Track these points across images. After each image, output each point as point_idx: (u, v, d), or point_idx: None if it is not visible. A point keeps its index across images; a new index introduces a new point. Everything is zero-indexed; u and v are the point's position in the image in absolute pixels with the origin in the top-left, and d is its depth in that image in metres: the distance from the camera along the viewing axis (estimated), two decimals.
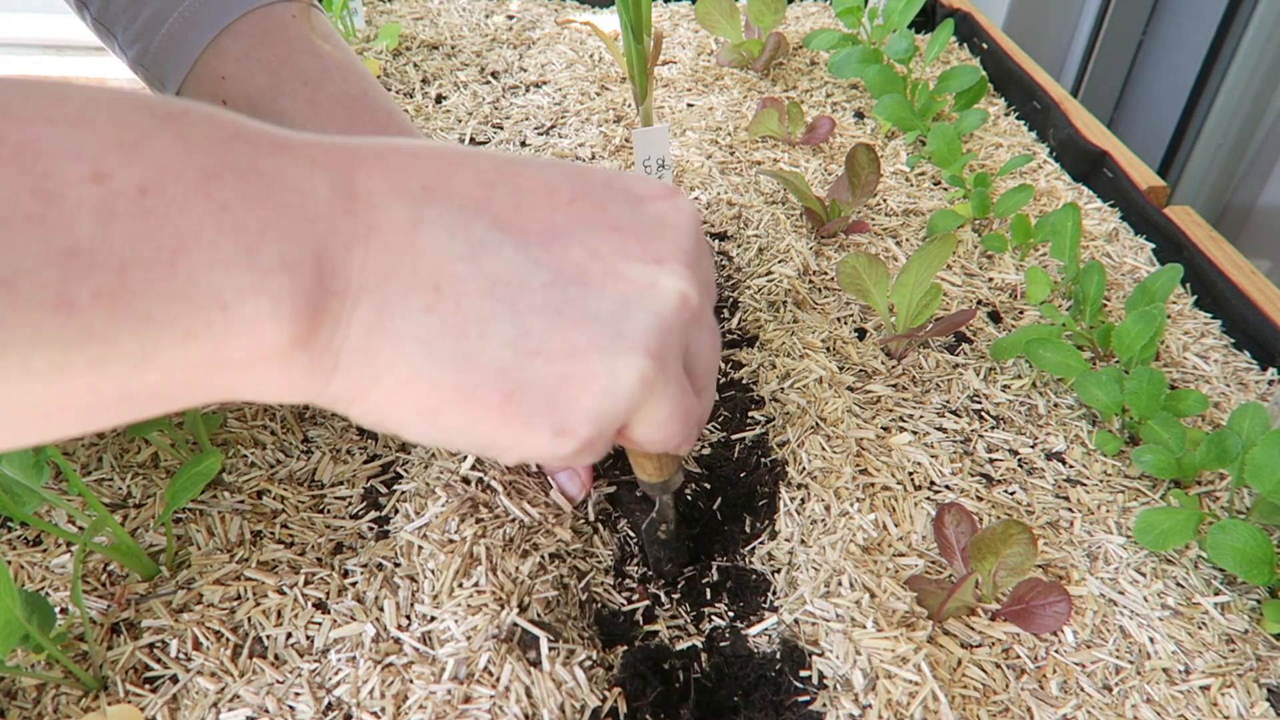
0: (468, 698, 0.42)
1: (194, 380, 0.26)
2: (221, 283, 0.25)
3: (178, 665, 0.45)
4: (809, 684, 0.45)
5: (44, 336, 0.22)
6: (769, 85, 1.05)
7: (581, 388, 0.31)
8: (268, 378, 0.28)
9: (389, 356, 0.29)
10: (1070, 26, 1.58)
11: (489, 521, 0.50)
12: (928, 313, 0.64)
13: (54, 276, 0.22)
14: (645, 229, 0.33)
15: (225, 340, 0.25)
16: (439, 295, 0.29)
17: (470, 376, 0.30)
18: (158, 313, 0.24)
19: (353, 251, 0.28)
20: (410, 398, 0.30)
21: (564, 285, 0.31)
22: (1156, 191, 0.84)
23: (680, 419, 0.35)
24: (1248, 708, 0.46)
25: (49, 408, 0.24)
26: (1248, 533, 0.49)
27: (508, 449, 0.32)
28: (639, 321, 0.31)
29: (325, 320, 0.27)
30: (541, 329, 0.30)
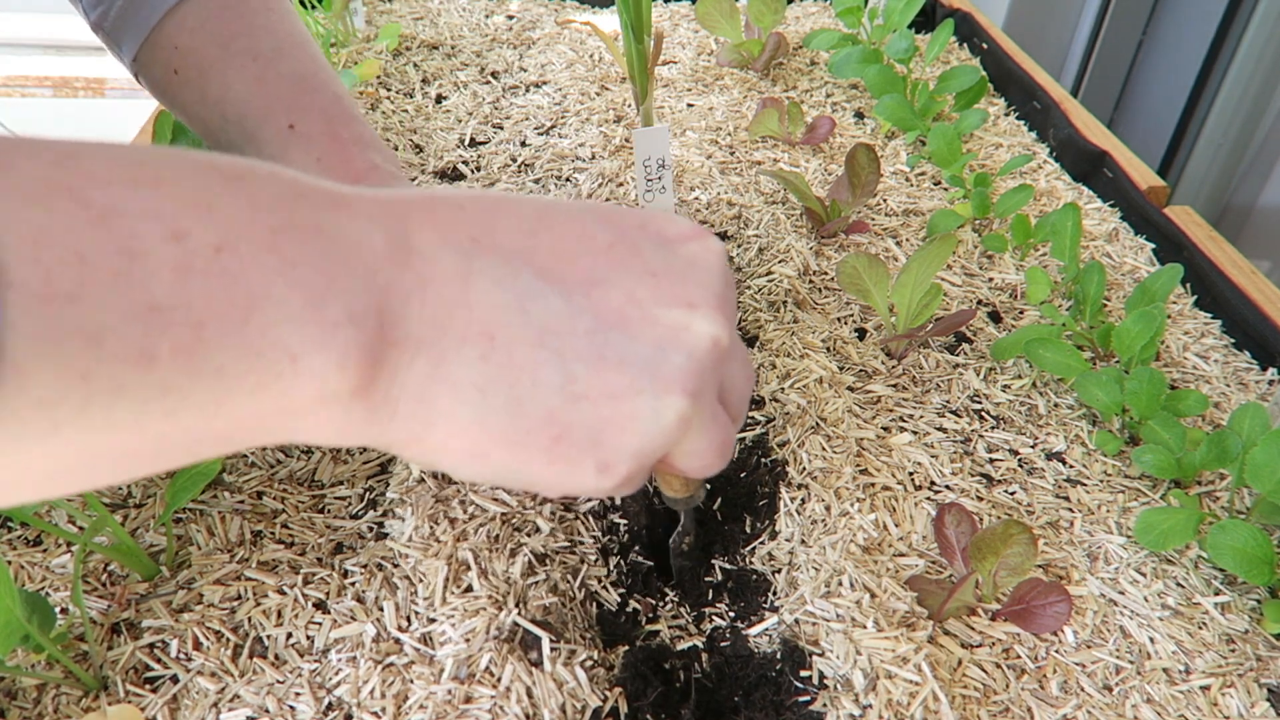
0: (468, 698, 0.42)
1: (258, 426, 0.27)
2: (291, 337, 0.26)
3: (178, 665, 0.45)
4: (809, 684, 0.45)
5: (125, 389, 0.23)
6: (769, 85, 1.05)
7: (622, 429, 0.32)
8: (329, 424, 0.29)
9: (446, 404, 0.30)
10: (1070, 26, 1.58)
11: (466, 522, 0.49)
12: (928, 313, 0.64)
13: (137, 332, 0.23)
14: (677, 273, 0.34)
15: (292, 391, 0.26)
16: (493, 345, 0.30)
17: (522, 421, 0.31)
18: (231, 366, 0.25)
19: (410, 304, 0.29)
20: (464, 442, 0.31)
21: (604, 330, 0.32)
22: (1156, 191, 0.84)
23: (717, 449, 0.37)
24: (1248, 708, 0.46)
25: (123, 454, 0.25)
26: (1248, 533, 0.49)
27: (552, 486, 0.33)
28: (675, 364, 0.33)
29: (385, 370, 0.28)
30: (585, 374, 0.32)
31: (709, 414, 0.36)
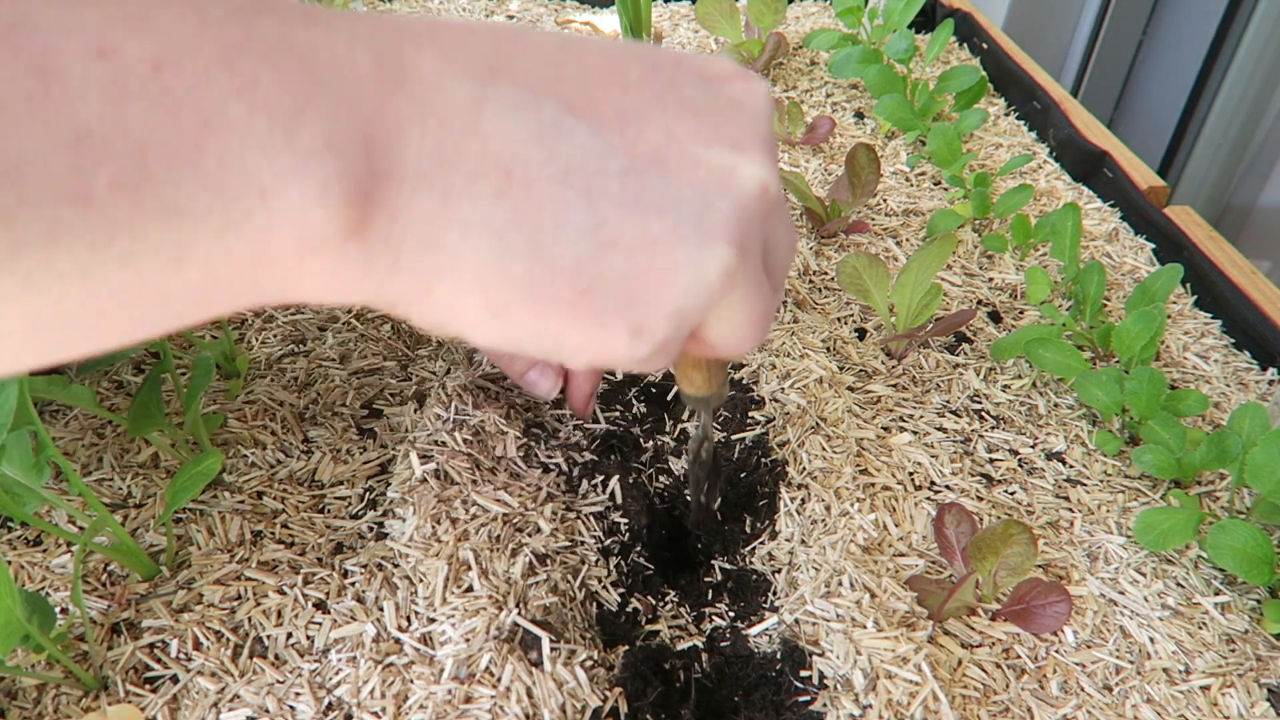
0: (468, 698, 0.42)
1: (239, 278, 0.24)
2: (257, 167, 0.23)
3: (178, 665, 0.45)
4: (809, 684, 0.45)
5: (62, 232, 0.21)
6: (769, 85, 1.05)
7: (662, 283, 0.29)
8: (320, 273, 0.25)
9: (455, 248, 0.26)
10: (1070, 26, 1.58)
11: (467, 522, 0.49)
12: (928, 313, 0.64)
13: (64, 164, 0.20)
14: (721, 112, 0.31)
15: (268, 231, 0.23)
16: (509, 181, 0.27)
17: (544, 270, 0.28)
18: (187, 203, 0.22)
19: (407, 133, 0.25)
20: (478, 295, 0.27)
21: (640, 172, 0.29)
22: (1156, 191, 0.84)
23: (758, 319, 0.33)
24: (1248, 708, 0.46)
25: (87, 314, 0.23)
26: (1248, 533, 0.49)
27: (578, 351, 0.30)
28: (720, 211, 0.29)
29: (380, 209, 0.25)
30: (618, 219, 0.28)
31: (753, 274, 0.32)
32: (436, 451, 0.53)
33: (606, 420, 0.60)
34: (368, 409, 0.61)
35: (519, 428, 0.56)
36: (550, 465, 0.55)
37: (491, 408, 0.56)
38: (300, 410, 0.60)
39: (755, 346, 0.34)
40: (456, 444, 0.53)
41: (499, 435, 0.55)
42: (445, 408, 0.56)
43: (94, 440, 0.58)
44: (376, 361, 0.64)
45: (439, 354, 0.65)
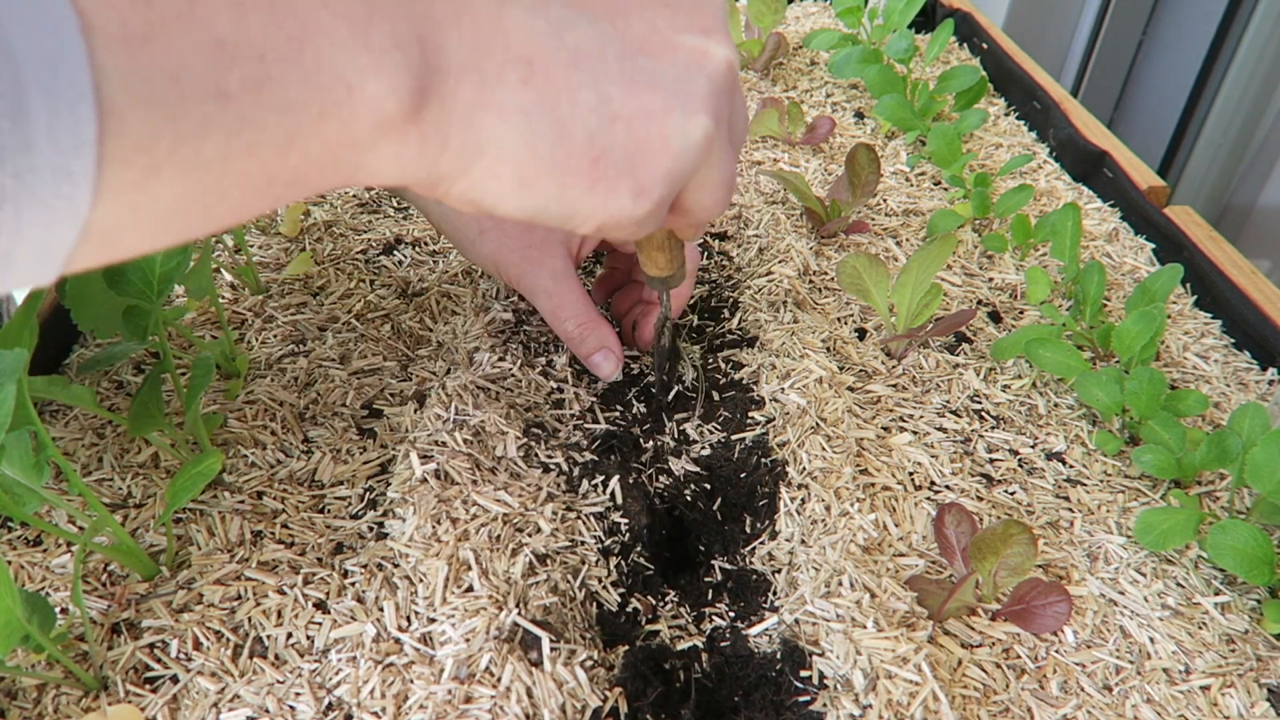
0: (468, 698, 0.42)
1: (328, 160, 0.29)
2: (344, 64, 0.27)
3: (178, 665, 0.45)
4: (809, 684, 0.45)
5: (209, 125, 0.25)
6: (769, 85, 1.05)
7: (656, 149, 0.35)
8: (388, 155, 0.30)
9: (493, 129, 0.32)
10: (1070, 26, 1.58)
11: (468, 522, 0.49)
12: (928, 313, 0.64)
13: (209, 67, 0.24)
14: (686, 7, 0.37)
15: (352, 119, 0.28)
16: (532, 69, 0.32)
17: (564, 143, 0.33)
18: (295, 96, 0.26)
19: (448, 33, 0.30)
20: (510, 168, 0.33)
21: (633, 55, 0.34)
22: (1156, 191, 0.84)
23: (727, 182, 0.39)
24: (1248, 708, 0.46)
25: (215, 194, 0.27)
26: (1248, 533, 0.49)
27: (591, 214, 0.35)
28: (699, 85, 0.35)
29: (433, 96, 0.30)
30: (620, 95, 0.34)
31: (724, 139, 0.38)
32: (436, 451, 0.53)
33: (606, 420, 0.60)
34: (368, 409, 0.61)
35: (519, 428, 0.56)
36: (550, 465, 0.55)
37: (491, 408, 0.56)
38: (300, 410, 0.60)
39: (723, 210, 0.41)
40: (456, 444, 0.53)
41: (499, 435, 0.55)
42: (445, 408, 0.56)
43: (94, 440, 0.58)
44: (376, 361, 0.64)
45: (439, 354, 0.65)
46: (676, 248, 0.51)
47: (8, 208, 0.22)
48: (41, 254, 0.24)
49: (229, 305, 0.69)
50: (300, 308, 0.69)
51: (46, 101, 0.21)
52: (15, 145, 0.21)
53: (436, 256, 0.75)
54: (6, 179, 0.21)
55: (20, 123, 0.21)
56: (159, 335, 0.53)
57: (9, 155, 0.21)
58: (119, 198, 0.24)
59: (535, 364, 0.62)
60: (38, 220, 0.23)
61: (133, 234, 0.26)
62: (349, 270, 0.73)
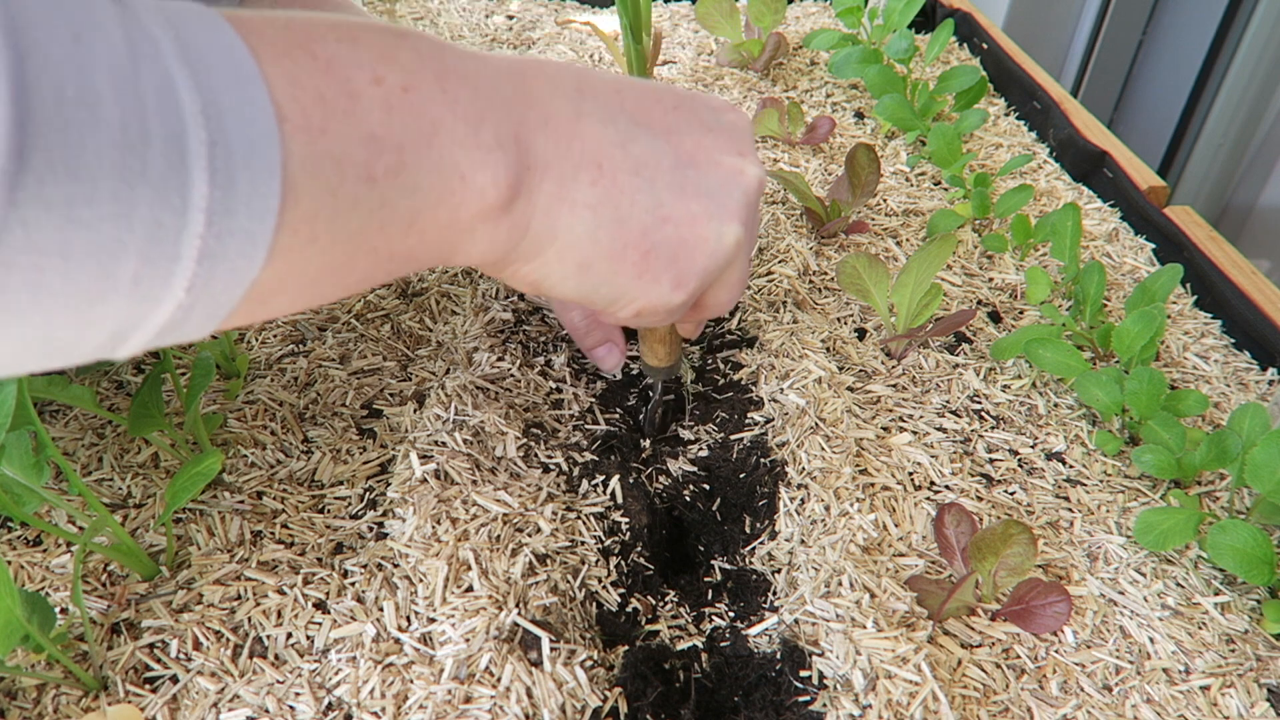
0: (468, 698, 0.42)
1: (437, 240, 0.33)
2: (460, 158, 0.32)
3: (178, 665, 0.45)
4: (809, 684, 0.45)
5: (358, 204, 0.29)
6: (769, 85, 1.05)
7: (697, 248, 0.40)
8: (482, 237, 0.35)
9: (566, 220, 0.37)
10: (1070, 26, 1.58)
11: (467, 522, 0.49)
12: (928, 313, 0.64)
13: (363, 155, 0.29)
14: (726, 130, 0.42)
15: (462, 205, 0.33)
16: (600, 172, 0.37)
17: (621, 237, 0.38)
18: (423, 183, 0.31)
19: (536, 136, 0.35)
20: (574, 254, 0.38)
21: (683, 168, 0.40)
22: (1156, 191, 0.84)
23: (743, 283, 0.45)
24: (1248, 708, 0.46)
25: (348, 265, 0.31)
26: (1248, 533, 0.49)
27: (634, 299, 0.40)
28: (735, 197, 0.41)
29: (523, 190, 0.35)
30: (671, 201, 0.39)
31: (748, 245, 0.43)
32: (436, 452, 0.53)
33: (606, 421, 0.60)
34: (367, 409, 0.61)
35: (519, 428, 0.56)
36: (550, 465, 0.55)
37: (491, 408, 0.56)
38: (300, 410, 0.60)
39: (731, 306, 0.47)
40: (456, 444, 0.53)
41: (499, 435, 0.55)
42: (445, 408, 0.56)
43: (94, 440, 0.58)
44: (376, 361, 0.64)
45: (439, 354, 0.65)
46: (676, 342, 0.55)
47: (206, 264, 0.25)
48: (212, 310, 0.27)
49: None
50: (298, 310, 0.69)
51: (248, 175, 0.25)
52: (223, 210, 0.25)
53: None
54: (211, 239, 0.25)
55: (229, 192, 0.25)
56: None
57: (217, 218, 0.25)
58: (280, 262, 0.28)
59: (534, 364, 0.62)
60: (222, 277, 0.26)
61: (281, 297, 0.30)
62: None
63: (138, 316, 0.25)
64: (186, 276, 0.25)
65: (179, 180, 0.24)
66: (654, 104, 0.40)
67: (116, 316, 0.25)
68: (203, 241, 0.25)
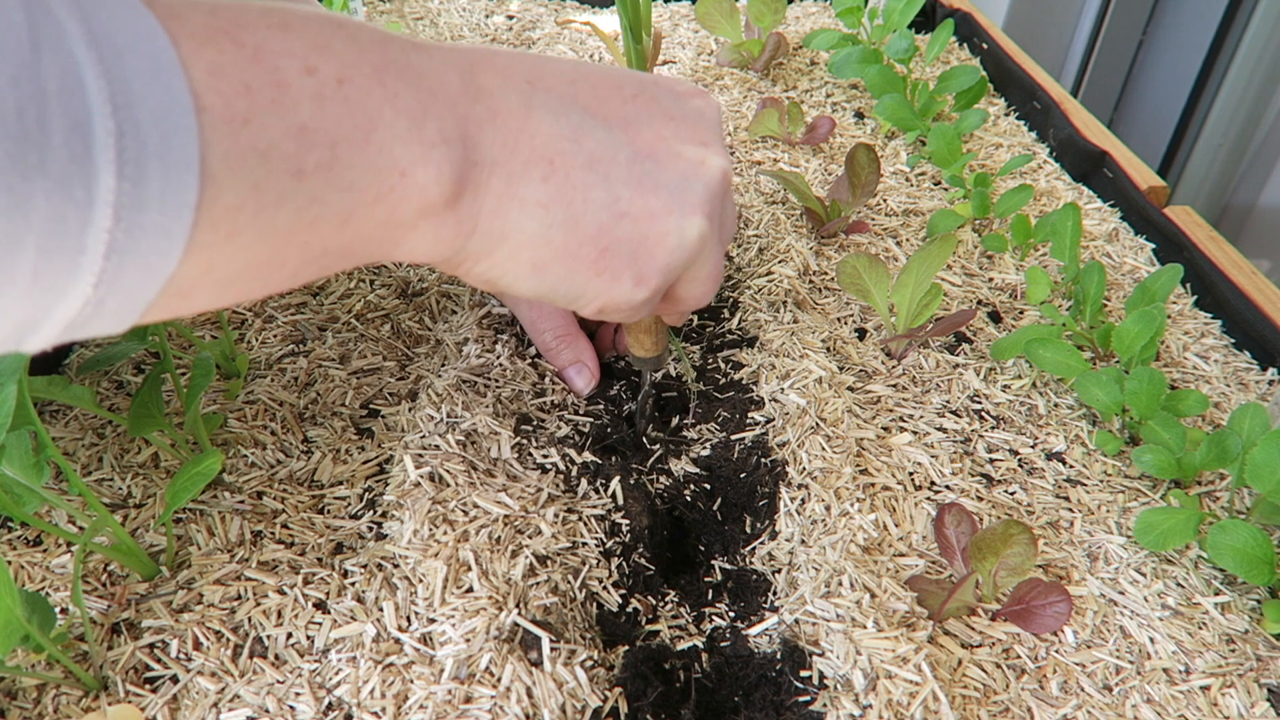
0: (468, 698, 0.42)
1: (375, 237, 0.32)
2: (400, 153, 0.31)
3: (178, 665, 0.45)
4: (809, 684, 0.45)
5: (285, 199, 0.28)
6: (769, 85, 1.05)
7: (657, 244, 0.39)
8: (426, 236, 0.34)
9: (515, 219, 0.35)
10: (1070, 26, 1.58)
11: (467, 524, 0.49)
12: (928, 313, 0.64)
13: (291, 148, 0.27)
14: (690, 119, 0.41)
15: (401, 202, 0.32)
16: (552, 168, 0.36)
17: (576, 235, 0.37)
18: (358, 180, 0.30)
19: (484, 131, 0.34)
20: (528, 254, 0.37)
21: (641, 161, 0.38)
22: (1156, 191, 0.84)
23: (715, 276, 0.43)
24: (1248, 708, 0.46)
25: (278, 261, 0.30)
26: (1248, 533, 0.49)
27: (595, 298, 0.39)
28: (696, 190, 0.39)
29: (469, 187, 0.34)
30: (628, 196, 0.37)
31: (715, 239, 0.42)
32: (430, 455, 0.53)
33: (592, 415, 0.60)
34: (366, 409, 0.61)
35: (510, 425, 0.56)
36: (547, 465, 0.55)
37: (480, 407, 0.56)
38: (300, 410, 0.60)
39: (709, 300, 0.44)
40: (450, 446, 0.53)
41: (491, 436, 0.55)
42: (436, 409, 0.56)
43: (94, 440, 0.58)
44: (376, 361, 0.64)
45: (436, 352, 0.65)
46: (662, 332, 0.55)
47: (114, 259, 0.24)
48: (126, 305, 0.26)
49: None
50: (300, 308, 0.69)
51: (161, 169, 0.24)
52: (132, 205, 0.24)
53: None
54: (120, 233, 0.24)
55: (140, 186, 0.24)
56: (159, 335, 0.53)
57: (126, 213, 0.24)
58: (200, 257, 0.27)
59: (525, 354, 0.62)
60: (134, 273, 0.25)
61: (204, 292, 0.29)
62: (349, 270, 0.73)
63: (42, 310, 0.24)
64: (93, 272, 0.24)
65: (83, 173, 0.23)
66: (612, 93, 0.39)
67: (17, 310, 0.24)
68: (110, 236, 0.24)
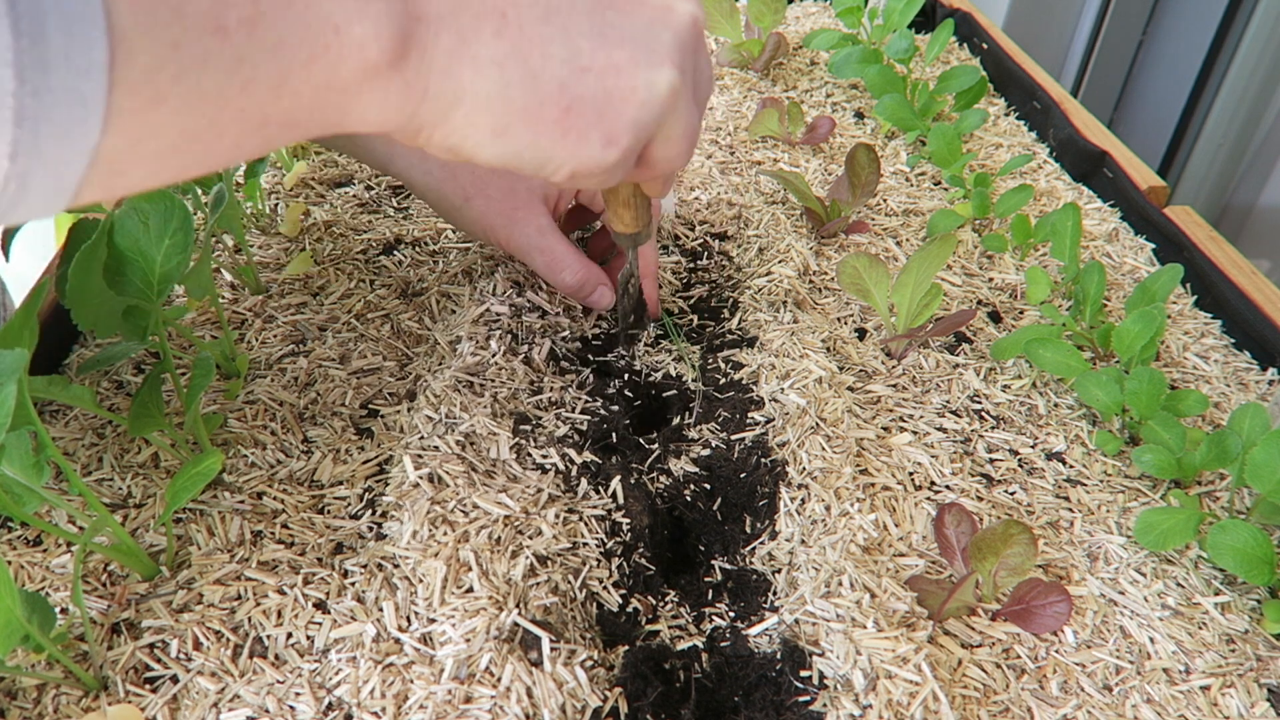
0: (468, 698, 0.42)
1: (316, 103, 0.30)
2: (331, 9, 0.29)
3: (178, 665, 0.45)
4: (809, 684, 0.45)
5: (209, 60, 0.26)
6: (769, 85, 1.05)
7: (624, 100, 0.37)
8: (372, 100, 0.32)
9: (469, 78, 0.34)
10: (1070, 26, 1.58)
11: (467, 524, 0.49)
12: (928, 313, 0.64)
13: (207, 5, 0.26)
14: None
15: (339, 62, 0.30)
16: (505, 21, 0.34)
17: (536, 93, 0.35)
18: (288, 38, 0.28)
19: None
20: (486, 117, 0.35)
21: (602, 11, 0.36)
22: (1156, 191, 0.84)
23: (691, 135, 0.41)
24: (1248, 708, 0.46)
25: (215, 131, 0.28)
26: (1248, 533, 0.49)
27: (563, 162, 0.37)
28: (664, 40, 0.38)
29: (414, 45, 0.32)
30: (590, 49, 0.36)
31: (688, 94, 0.40)
32: (429, 456, 0.53)
33: (589, 412, 0.60)
34: (366, 409, 0.61)
35: (508, 426, 0.56)
36: (546, 466, 0.55)
37: (478, 407, 0.56)
38: (300, 410, 0.60)
39: (686, 163, 0.43)
40: (449, 447, 0.53)
41: (490, 437, 0.55)
42: (434, 409, 0.56)
43: (94, 440, 0.58)
44: (376, 361, 0.64)
45: (435, 352, 0.65)
46: (643, 205, 0.53)
47: (27, 125, 0.23)
48: (55, 180, 0.25)
49: (229, 305, 0.69)
50: (300, 308, 0.69)
51: (63, 25, 0.22)
52: (34, 64, 0.22)
53: (436, 257, 0.75)
54: (26, 97, 0.23)
55: (39, 43, 0.22)
56: (159, 335, 0.53)
57: (29, 73, 0.22)
58: (126, 126, 0.25)
59: (519, 351, 0.62)
60: (53, 142, 0.24)
61: (138, 166, 0.27)
62: (349, 270, 0.73)
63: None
64: (6, 141, 0.23)
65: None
66: None
67: None
68: (16, 100, 0.23)
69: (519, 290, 0.67)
